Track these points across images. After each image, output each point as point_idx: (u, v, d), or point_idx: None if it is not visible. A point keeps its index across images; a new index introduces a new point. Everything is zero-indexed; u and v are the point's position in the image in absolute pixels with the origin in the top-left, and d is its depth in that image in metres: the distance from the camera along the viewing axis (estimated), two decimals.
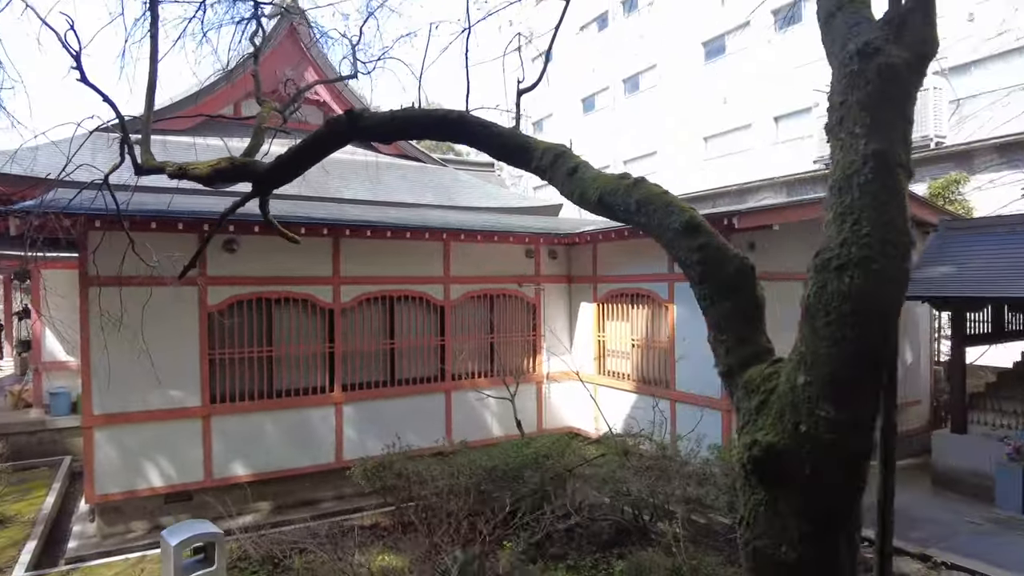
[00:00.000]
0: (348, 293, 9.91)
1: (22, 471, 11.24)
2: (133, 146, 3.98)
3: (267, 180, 3.70)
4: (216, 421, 8.96)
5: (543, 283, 11.81)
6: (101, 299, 7.99)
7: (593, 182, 2.58)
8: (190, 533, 4.78)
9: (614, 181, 2.51)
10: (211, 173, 3.67)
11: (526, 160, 2.87)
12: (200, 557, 4.96)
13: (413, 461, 8.35)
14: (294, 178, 3.78)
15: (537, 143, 2.91)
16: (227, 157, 3.77)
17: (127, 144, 3.89)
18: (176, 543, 4.65)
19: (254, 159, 3.87)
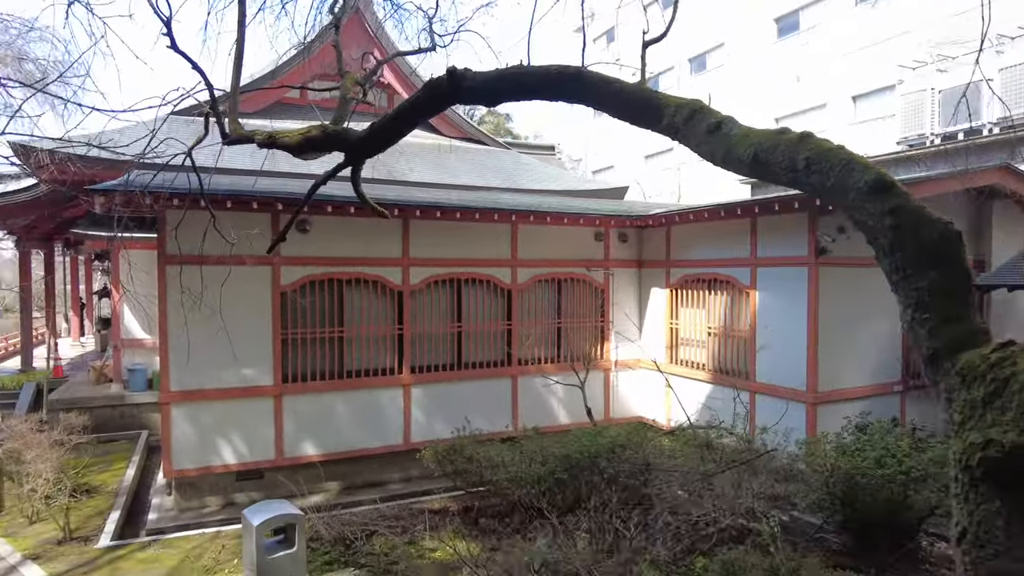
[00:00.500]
0: (417, 275, 9.79)
1: (105, 443, 11.64)
2: (221, 115, 3.84)
3: (359, 149, 3.49)
4: (287, 400, 9.00)
5: (612, 267, 11.43)
6: (176, 278, 8.07)
7: (743, 139, 2.25)
8: (271, 514, 4.69)
9: (772, 136, 2.17)
10: (301, 142, 3.48)
11: (654, 118, 2.55)
12: (280, 538, 4.89)
13: (483, 446, 8.19)
14: (387, 147, 3.57)
15: (668, 98, 2.59)
16: (318, 125, 3.59)
17: (215, 112, 3.75)
18: (258, 523, 4.57)
19: (346, 127, 3.66)
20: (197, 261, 7.76)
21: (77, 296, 21.81)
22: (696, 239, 10.56)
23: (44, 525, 7.84)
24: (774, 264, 9.21)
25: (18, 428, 8.22)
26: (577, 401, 10.76)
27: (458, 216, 9.53)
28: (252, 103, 15.34)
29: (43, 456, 7.56)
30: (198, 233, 7.36)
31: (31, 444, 7.77)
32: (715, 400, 9.67)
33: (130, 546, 7.33)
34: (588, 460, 7.33)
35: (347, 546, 7.16)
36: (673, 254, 11.04)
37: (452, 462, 7.97)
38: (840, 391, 8.89)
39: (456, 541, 7.36)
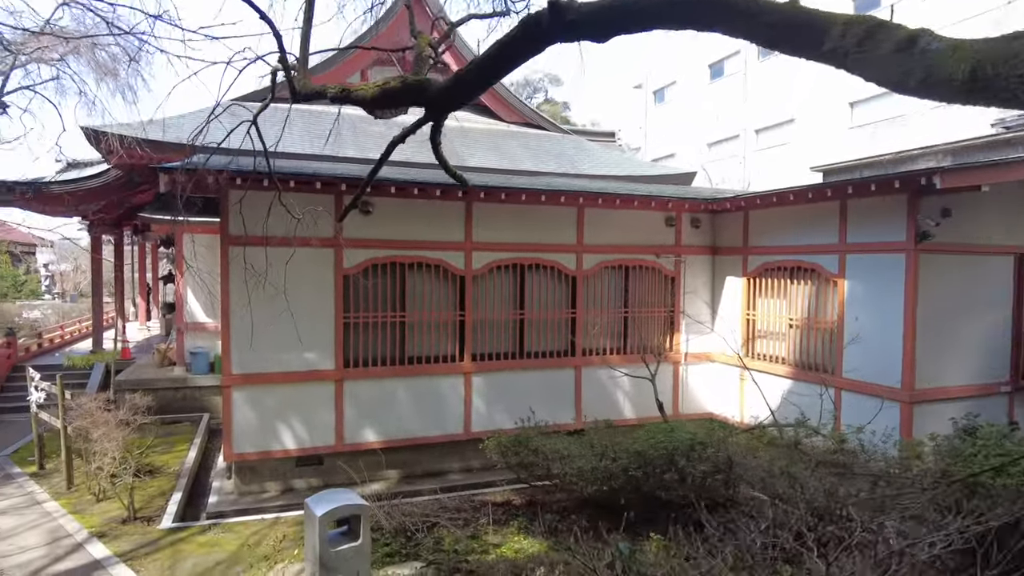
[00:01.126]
0: (479, 260, 9.43)
1: (167, 425, 11.76)
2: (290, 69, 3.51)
3: (441, 102, 3.10)
4: (349, 385, 8.79)
5: (684, 254, 10.81)
6: (240, 259, 7.94)
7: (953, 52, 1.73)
8: (336, 504, 4.39)
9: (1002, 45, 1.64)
10: (378, 94, 3.12)
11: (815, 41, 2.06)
12: (344, 529, 4.59)
13: (549, 438, 7.77)
14: (473, 98, 3.16)
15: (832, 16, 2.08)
16: (397, 76, 3.21)
17: (285, 65, 3.42)
18: (322, 513, 4.27)
19: (427, 77, 3.27)
20: (260, 242, 7.61)
21: (144, 282, 22.42)
22: (777, 224, 9.85)
23: (110, 504, 7.84)
24: (866, 250, 8.46)
25: (87, 406, 8.25)
26: (644, 395, 10.24)
27: (523, 199, 9.11)
28: None
29: (109, 435, 7.54)
30: (261, 214, 7.18)
31: (98, 423, 7.77)
32: (796, 396, 8.98)
33: (191, 529, 7.22)
34: (664, 457, 6.82)
35: (408, 538, 6.87)
36: (751, 240, 10.35)
37: (517, 454, 7.59)
38: (940, 390, 8.11)
39: (521, 537, 6.99)
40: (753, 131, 27.51)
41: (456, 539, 6.88)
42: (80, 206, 14.56)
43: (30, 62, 14.63)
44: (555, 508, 7.81)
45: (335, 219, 8.49)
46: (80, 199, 14.27)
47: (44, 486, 8.63)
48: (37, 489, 8.50)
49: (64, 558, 6.44)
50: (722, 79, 29.74)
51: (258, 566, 6.08)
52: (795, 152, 24.37)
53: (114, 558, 6.40)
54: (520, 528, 7.19)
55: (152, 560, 6.40)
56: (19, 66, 14.61)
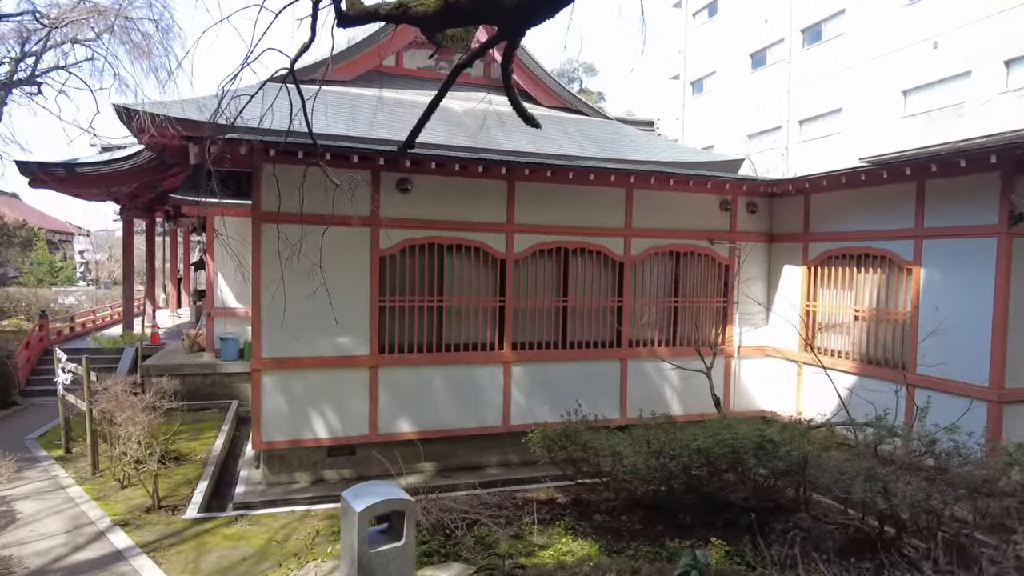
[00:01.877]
0: (522, 243, 8.87)
1: (196, 411, 11.45)
2: None
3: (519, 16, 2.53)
4: (383, 372, 8.31)
5: (739, 241, 10.12)
6: (272, 237, 7.51)
7: None
8: (377, 498, 3.88)
9: None
10: (441, 9, 2.57)
11: None
12: (385, 527, 4.08)
13: (597, 433, 7.20)
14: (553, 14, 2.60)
15: None
16: None
17: None
18: (362, 509, 3.76)
19: None
20: (293, 219, 7.20)
21: (175, 269, 22.35)
22: (842, 208, 9.10)
23: (134, 491, 7.48)
24: (947, 235, 7.71)
25: (113, 389, 7.90)
26: (693, 390, 9.63)
27: (570, 177, 8.52)
28: (348, 70, 14.88)
29: (134, 419, 7.17)
30: (294, 190, 6.74)
31: (123, 406, 7.41)
32: (864, 393, 8.25)
33: (216, 520, 6.81)
34: (729, 455, 6.20)
35: (447, 535, 6.36)
36: (812, 226, 9.62)
37: (563, 449, 7.03)
38: None
39: (569, 539, 6.43)
40: (796, 122, 26.50)
41: (498, 539, 6.35)
42: (112, 188, 14.38)
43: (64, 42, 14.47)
44: (603, 508, 7.24)
45: (373, 196, 8.02)
46: (112, 181, 14.09)
47: (69, 470, 8.32)
48: (62, 473, 8.19)
49: (84, 547, 6.06)
50: (764, 68, 28.74)
51: (287, 563, 5.62)
52: (841, 143, 23.35)
53: (136, 549, 6.00)
54: (567, 529, 6.63)
55: (175, 552, 5.98)
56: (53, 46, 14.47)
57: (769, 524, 6.88)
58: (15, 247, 27.92)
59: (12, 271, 27.98)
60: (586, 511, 7.20)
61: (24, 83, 13.55)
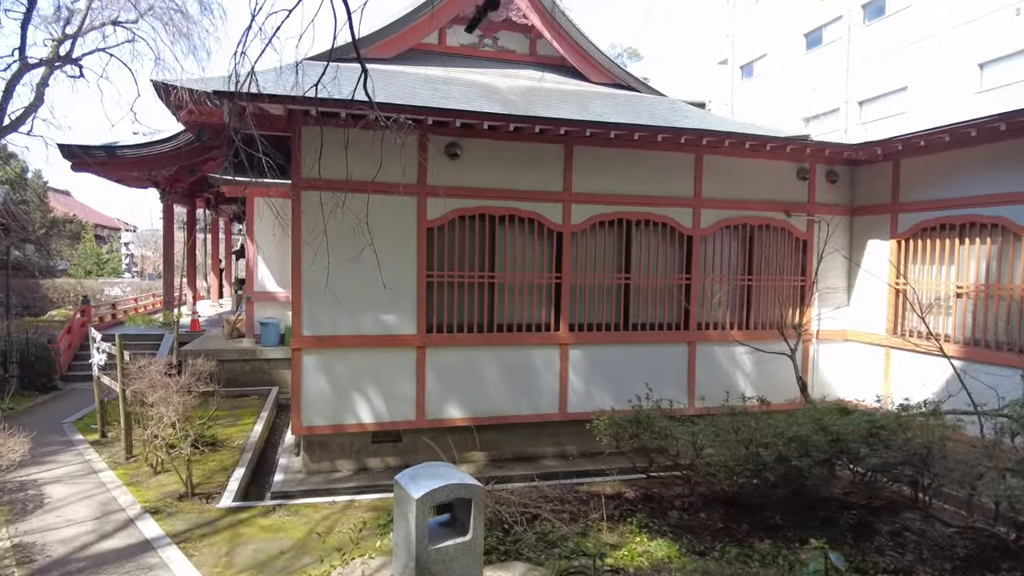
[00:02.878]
0: (580, 213, 8.12)
1: (234, 398, 11.03)
2: None
3: None
4: (431, 353, 7.66)
5: (817, 213, 9.17)
6: (313, 207, 6.93)
7: None
8: (439, 482, 3.18)
9: None
10: None
11: None
12: (446, 518, 3.40)
13: (671, 421, 6.42)
14: None
15: None
16: None
17: None
18: (421, 495, 3.07)
19: None
20: (335, 187, 6.63)
21: (216, 258, 22.22)
22: (941, 172, 8.08)
23: (167, 477, 6.98)
24: None
25: (147, 369, 7.43)
26: (769, 377, 8.77)
27: (636, 138, 7.72)
28: (388, 48, 14.30)
29: (167, 399, 6.66)
30: (336, 155, 6.19)
31: (156, 386, 6.91)
32: (973, 379, 7.24)
33: (253, 509, 6.24)
34: (832, 444, 5.34)
35: (505, 531, 5.66)
36: (903, 195, 8.61)
37: (635, 437, 6.26)
38: None
39: (644, 538, 5.66)
40: (856, 103, 25.06)
41: (563, 536, 5.62)
42: (152, 171, 14.11)
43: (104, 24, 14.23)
44: (677, 504, 6.45)
45: (420, 161, 7.38)
46: (152, 163, 13.82)
47: (103, 455, 7.90)
48: (95, 457, 7.77)
49: (112, 535, 5.55)
50: (820, 48, 27.29)
51: (330, 559, 4.99)
52: (906, 123, 21.88)
53: (166, 539, 5.46)
54: (640, 526, 5.86)
55: (208, 544, 5.41)
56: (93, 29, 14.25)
57: (871, 524, 6.01)
58: (64, 239, 28.34)
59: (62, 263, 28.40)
60: (659, 507, 6.42)
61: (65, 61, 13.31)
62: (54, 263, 27.04)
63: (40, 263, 25.38)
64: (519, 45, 15.13)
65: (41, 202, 27.57)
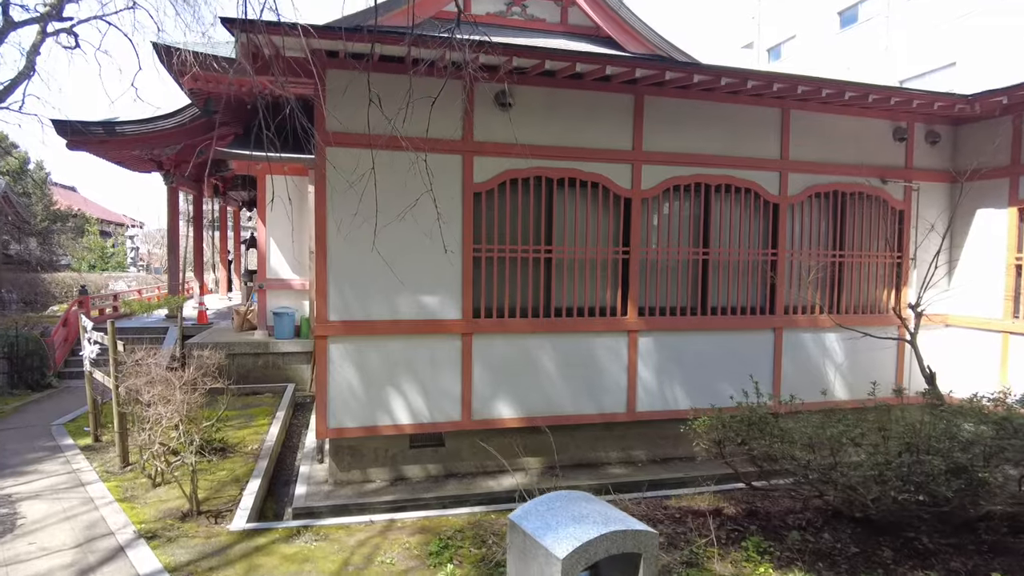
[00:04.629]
0: (651, 176, 6.90)
1: (246, 396, 9.89)
2: None
3: None
4: (479, 342, 6.47)
5: (915, 180, 7.93)
6: (338, 167, 5.78)
7: None
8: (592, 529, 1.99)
9: None
10: None
11: None
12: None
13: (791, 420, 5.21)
14: None
15: None
16: None
17: None
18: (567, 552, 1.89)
19: None
20: (364, 143, 5.48)
21: (225, 250, 21.12)
22: None
23: (168, 490, 5.82)
24: None
25: (145, 361, 6.27)
26: (862, 369, 7.64)
27: (722, 83, 6.47)
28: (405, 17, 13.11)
29: (167, 396, 5.49)
30: (366, 105, 5.04)
31: (155, 381, 5.74)
32: None
33: (272, 532, 5.06)
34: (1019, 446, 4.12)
35: None
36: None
37: (743, 443, 5.04)
38: None
39: (769, 568, 4.45)
40: (897, 81, 23.64)
41: (667, 567, 4.43)
42: (155, 150, 12.97)
43: None
44: (791, 522, 5.24)
45: (465, 111, 6.19)
46: (154, 141, 12.67)
47: (95, 463, 6.75)
48: (85, 466, 6.62)
49: (95, 570, 4.38)
50: (855, 26, 25.89)
51: None
52: None
53: (164, 574, 4.29)
54: (759, 551, 4.65)
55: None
56: None
57: None
58: (67, 233, 27.32)
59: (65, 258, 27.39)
60: (769, 526, 5.21)
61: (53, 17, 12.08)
62: (56, 258, 26.03)
63: (42, 257, 24.37)
64: (549, 14, 13.89)
65: (43, 194, 26.58)
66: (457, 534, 5.01)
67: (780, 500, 5.70)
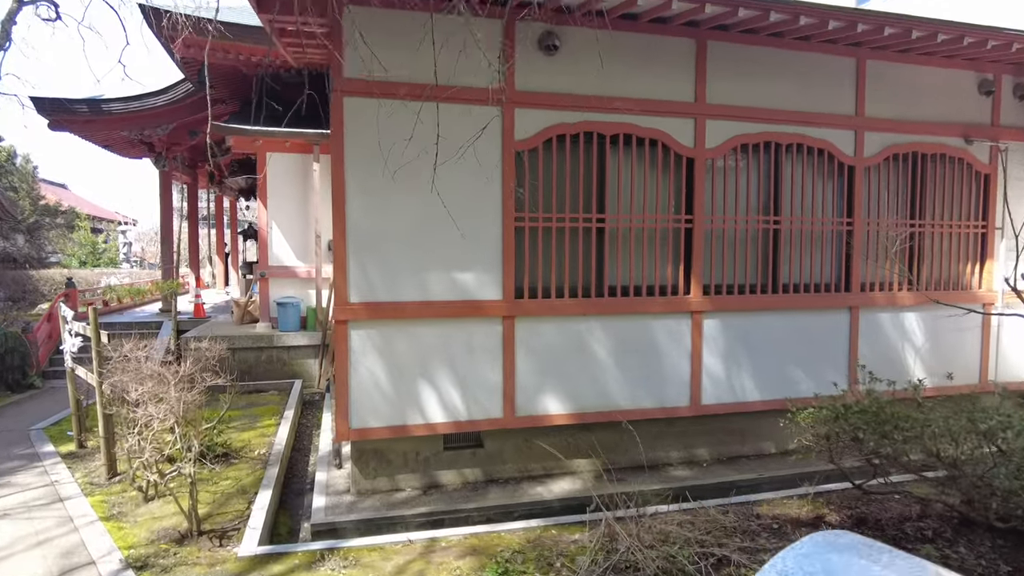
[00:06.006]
0: (716, 133, 6.00)
1: (249, 393, 8.99)
2: None
3: None
4: (523, 326, 5.57)
5: (1003, 140, 7.05)
6: (359, 120, 4.89)
7: None
8: None
9: None
10: None
11: None
12: None
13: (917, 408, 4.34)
14: None
15: None
16: None
17: None
18: None
19: None
20: (389, 92, 4.60)
21: (222, 242, 20.15)
22: None
23: (164, 505, 4.92)
24: None
25: (134, 354, 5.35)
26: (942, 352, 6.85)
27: (800, 24, 5.54)
28: None
29: (157, 394, 4.57)
30: (391, 48, 4.19)
31: (144, 376, 4.83)
32: None
33: (291, 557, 4.15)
34: None
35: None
36: None
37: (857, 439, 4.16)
38: None
39: None
40: None
41: None
42: (145, 130, 12.02)
43: None
44: (909, 531, 4.36)
45: (505, 53, 5.27)
46: (144, 120, 11.73)
47: (78, 473, 5.84)
48: (65, 477, 5.71)
49: None
50: None
51: None
52: None
53: None
54: None
55: None
56: None
57: None
58: (57, 229, 26.28)
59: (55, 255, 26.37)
60: (884, 536, 4.31)
61: None
62: (45, 254, 24.99)
63: (30, 254, 23.33)
64: None
65: (31, 189, 25.53)
66: (516, 556, 4.11)
67: (887, 505, 4.82)
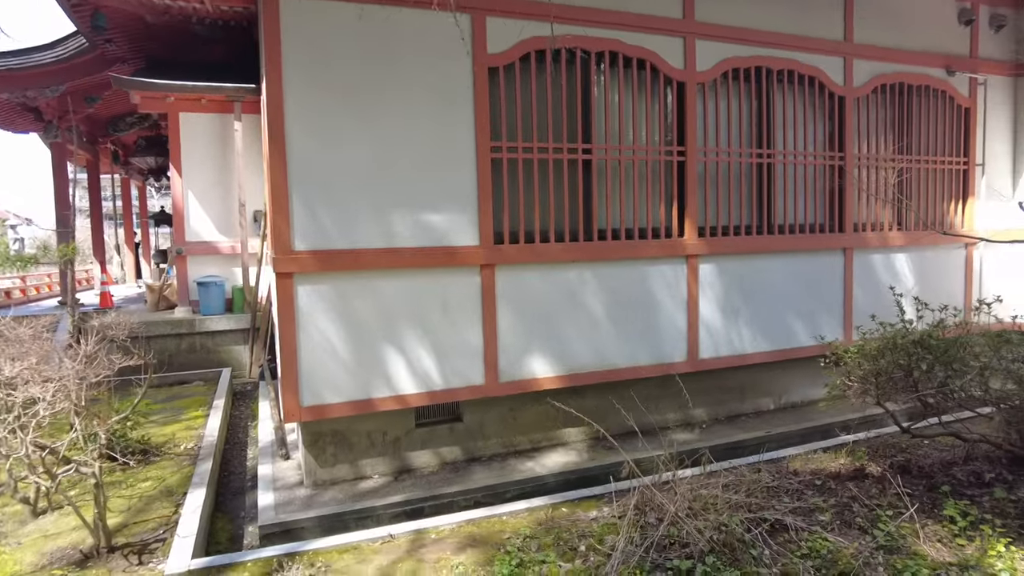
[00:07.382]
0: (707, 56, 5.36)
1: (170, 386, 7.79)
2: None
3: None
4: (504, 277, 4.75)
5: (981, 72, 6.76)
6: (301, 27, 3.95)
7: None
8: None
9: None
10: None
11: None
12: None
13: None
14: None
15: None
16: None
17: None
18: None
19: None
20: None
21: (131, 231, 18.20)
22: None
23: (60, 518, 3.83)
24: None
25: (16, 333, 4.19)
26: (931, 290, 6.40)
27: None
28: None
29: (42, 372, 3.48)
30: None
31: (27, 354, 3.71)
32: None
33: (238, 569, 3.19)
34: None
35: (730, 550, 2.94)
36: None
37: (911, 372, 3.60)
38: None
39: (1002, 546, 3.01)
40: None
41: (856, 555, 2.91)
42: (29, 93, 10.36)
43: None
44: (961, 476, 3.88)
45: None
46: (28, 80, 10.10)
47: None
48: None
49: None
50: None
51: None
52: None
53: None
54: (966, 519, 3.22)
55: None
56: None
57: None
58: None
59: None
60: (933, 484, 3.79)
61: None
62: None
63: None
64: None
65: None
66: (528, 542, 3.32)
67: (924, 451, 4.32)
